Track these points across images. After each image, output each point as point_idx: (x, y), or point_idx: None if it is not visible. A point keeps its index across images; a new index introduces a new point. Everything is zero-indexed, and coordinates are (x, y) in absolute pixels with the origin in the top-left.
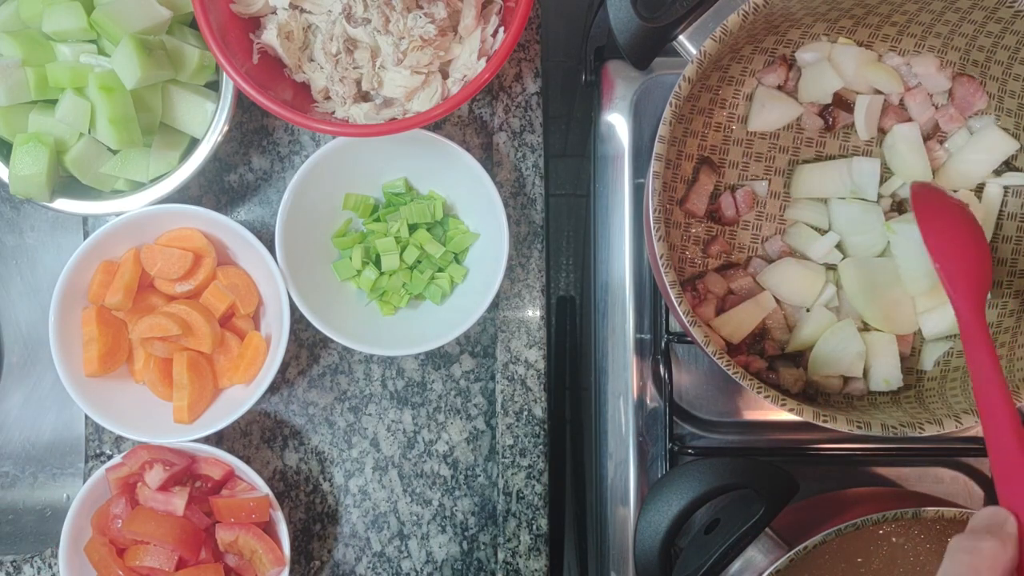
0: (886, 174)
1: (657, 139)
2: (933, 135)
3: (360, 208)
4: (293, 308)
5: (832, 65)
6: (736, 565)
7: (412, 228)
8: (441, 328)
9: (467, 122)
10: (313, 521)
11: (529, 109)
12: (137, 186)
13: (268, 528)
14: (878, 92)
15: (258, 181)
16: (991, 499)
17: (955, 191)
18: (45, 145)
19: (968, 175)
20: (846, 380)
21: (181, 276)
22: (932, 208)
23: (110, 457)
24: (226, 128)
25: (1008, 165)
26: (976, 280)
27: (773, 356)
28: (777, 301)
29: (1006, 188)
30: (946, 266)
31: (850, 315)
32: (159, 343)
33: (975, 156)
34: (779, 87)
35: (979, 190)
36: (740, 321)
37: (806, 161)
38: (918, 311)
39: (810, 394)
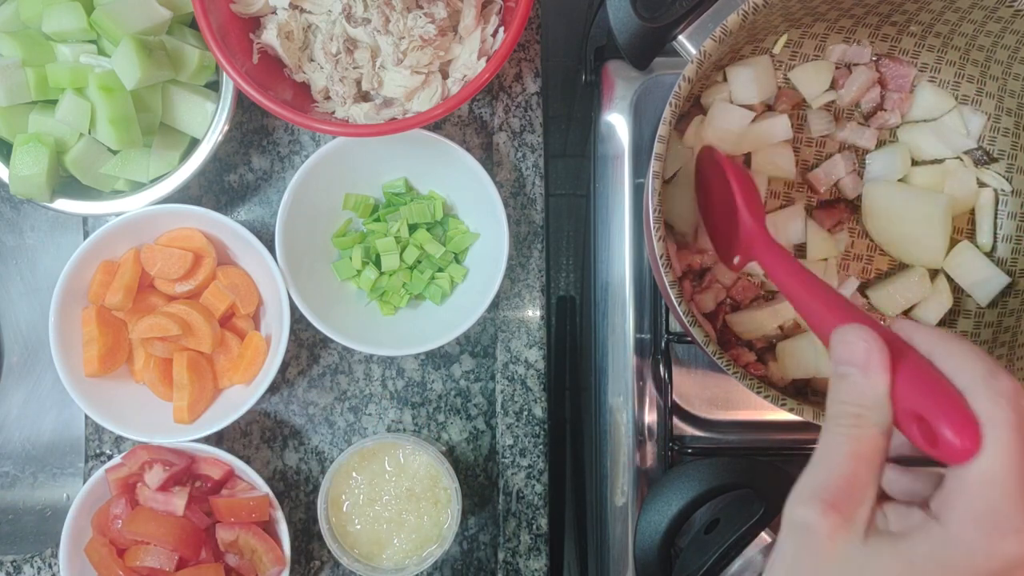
0: None
1: (657, 139)
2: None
3: (360, 208)
4: (293, 308)
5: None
6: (736, 565)
7: (412, 228)
8: (441, 328)
9: (467, 122)
10: (313, 521)
11: (529, 109)
12: (137, 186)
13: (268, 528)
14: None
15: (258, 181)
16: None
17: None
18: (45, 145)
19: (919, 147)
20: None
21: (181, 276)
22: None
23: (110, 457)
24: (226, 128)
25: (987, 155)
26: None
27: (762, 349)
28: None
29: (1005, 190)
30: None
31: None
32: (159, 343)
33: (919, 128)
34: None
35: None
36: (759, 325)
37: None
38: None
39: (802, 388)
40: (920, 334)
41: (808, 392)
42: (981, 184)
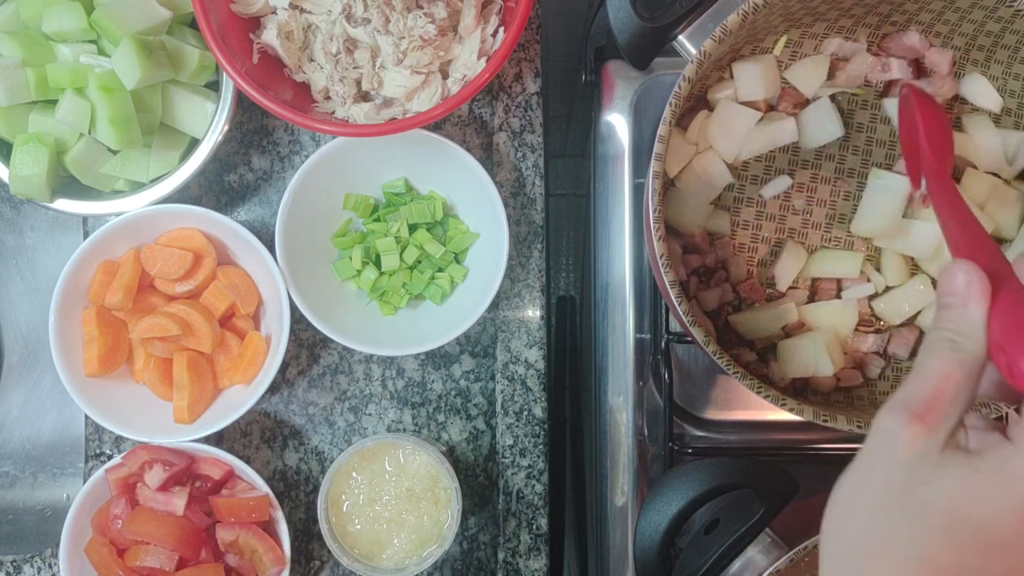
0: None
1: (657, 139)
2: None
3: (360, 208)
4: (293, 308)
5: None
6: (736, 565)
7: (412, 228)
8: (441, 328)
9: (467, 122)
10: (313, 521)
11: (529, 109)
12: (137, 186)
13: (268, 528)
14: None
15: (258, 181)
16: None
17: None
18: (45, 145)
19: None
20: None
21: (181, 276)
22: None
23: (110, 457)
24: (226, 128)
25: None
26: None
27: (763, 348)
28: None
29: None
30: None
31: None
32: (159, 343)
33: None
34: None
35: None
36: (763, 326)
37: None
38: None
39: (800, 388)
40: None
41: (808, 392)
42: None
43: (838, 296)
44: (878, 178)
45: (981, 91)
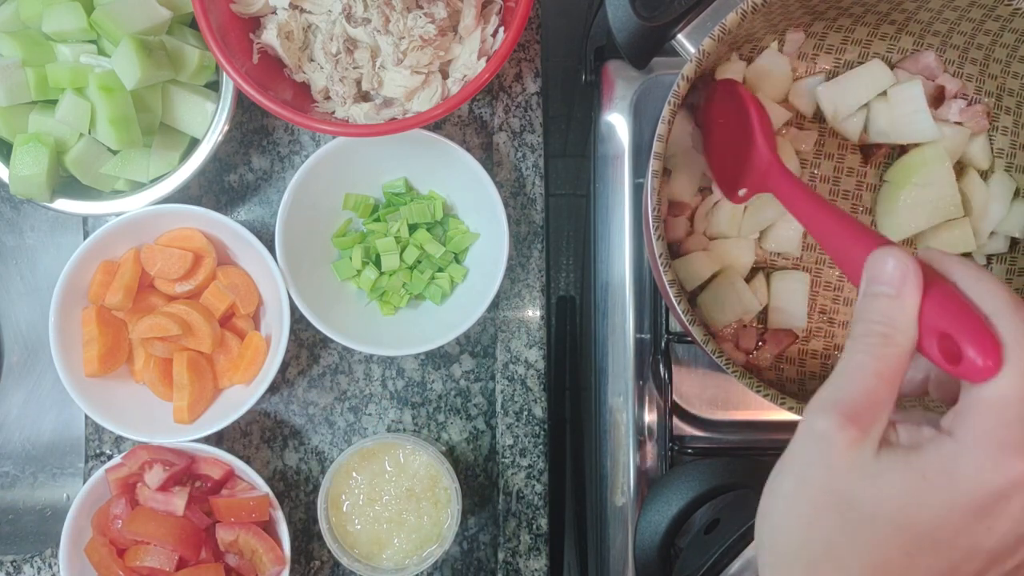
0: None
1: (656, 138)
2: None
3: (360, 208)
4: (293, 308)
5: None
6: (736, 565)
7: (412, 228)
8: (441, 328)
9: (467, 122)
10: (313, 521)
11: (529, 109)
12: (137, 186)
13: (268, 528)
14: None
15: (258, 181)
16: None
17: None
18: (45, 145)
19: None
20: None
21: (181, 276)
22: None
23: (110, 457)
24: (226, 128)
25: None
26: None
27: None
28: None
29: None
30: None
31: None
32: (159, 343)
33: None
34: None
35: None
36: (697, 268)
37: None
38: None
39: (802, 388)
40: (948, 262)
41: (809, 392)
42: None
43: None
44: None
45: (973, 151)
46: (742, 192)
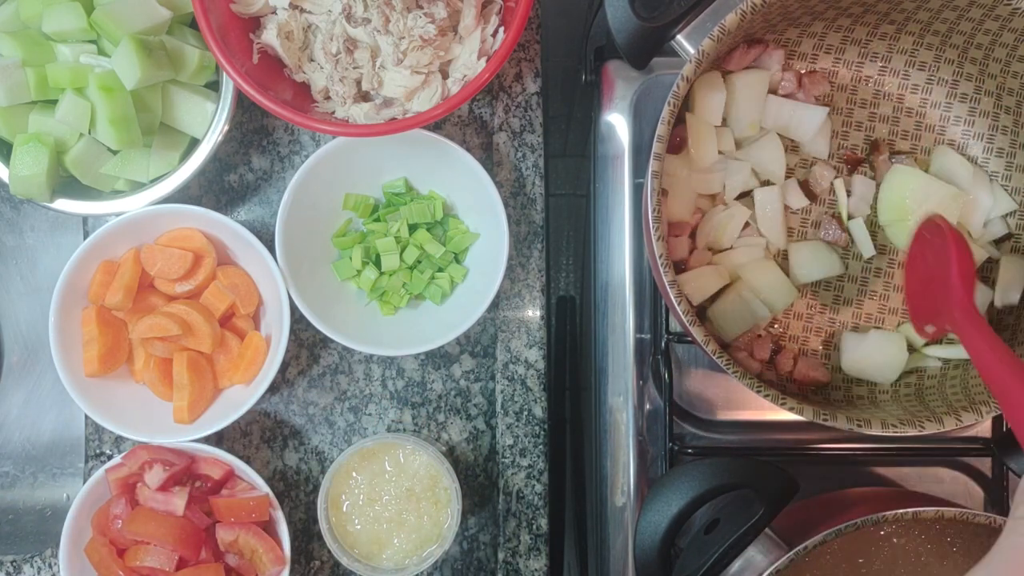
0: None
1: (656, 139)
2: None
3: (360, 208)
4: (293, 308)
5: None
6: (736, 565)
7: (412, 228)
8: (441, 328)
9: (467, 122)
10: (313, 521)
11: (529, 109)
12: (137, 186)
13: (268, 528)
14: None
15: (258, 181)
16: (991, 499)
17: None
18: (45, 145)
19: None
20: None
21: (181, 276)
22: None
23: (110, 457)
24: (226, 128)
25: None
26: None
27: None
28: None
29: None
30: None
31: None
32: (159, 343)
33: None
34: None
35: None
36: (704, 283)
37: None
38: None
39: (801, 387)
40: None
41: (808, 391)
42: None
43: None
44: None
45: (949, 164)
46: (930, 329)
